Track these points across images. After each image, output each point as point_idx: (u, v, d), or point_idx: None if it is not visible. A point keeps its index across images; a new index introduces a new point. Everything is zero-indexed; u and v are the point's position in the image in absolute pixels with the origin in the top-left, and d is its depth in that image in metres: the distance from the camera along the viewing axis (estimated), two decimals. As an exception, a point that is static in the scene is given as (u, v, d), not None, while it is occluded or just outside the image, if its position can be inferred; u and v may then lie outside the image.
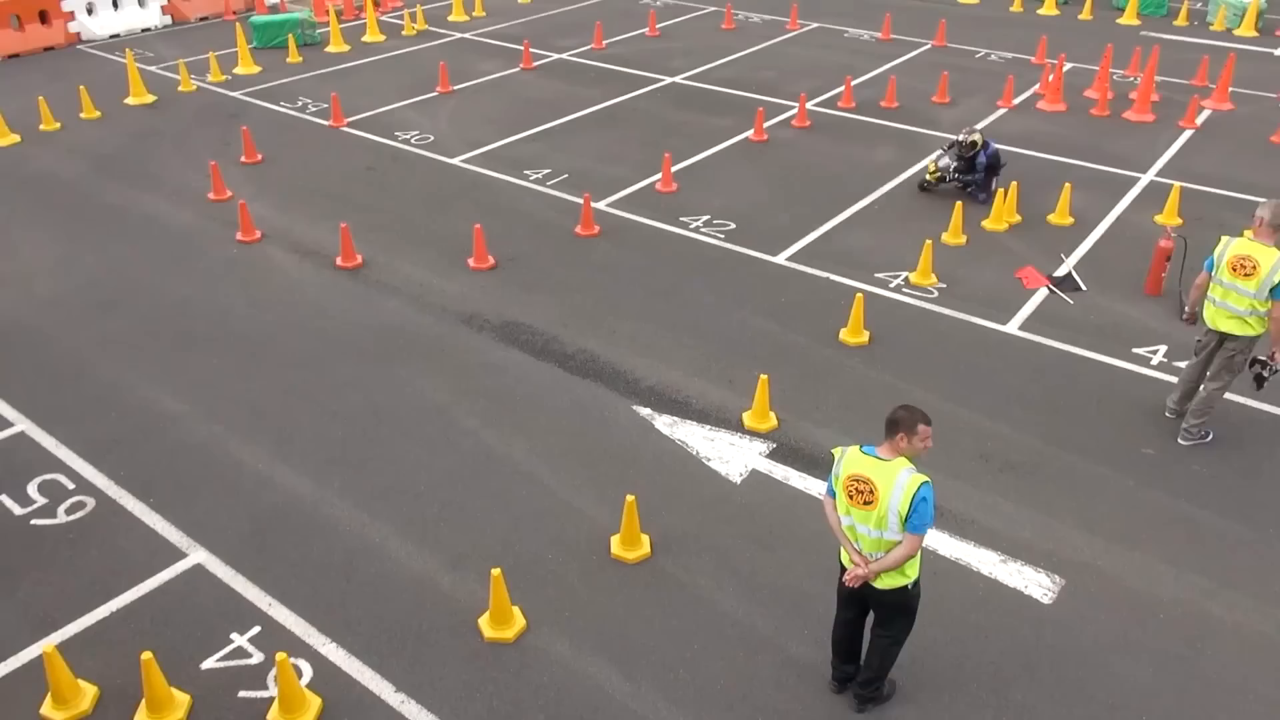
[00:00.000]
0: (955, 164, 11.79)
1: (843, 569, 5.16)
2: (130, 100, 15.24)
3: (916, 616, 5.27)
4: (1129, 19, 19.94)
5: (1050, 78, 15.51)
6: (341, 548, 6.67)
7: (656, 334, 9.16)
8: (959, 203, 10.87)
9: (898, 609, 5.18)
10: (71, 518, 6.91)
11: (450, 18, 20.12)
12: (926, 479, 4.77)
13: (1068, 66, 16.70)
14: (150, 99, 15.30)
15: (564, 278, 10.16)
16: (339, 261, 10.36)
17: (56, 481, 7.23)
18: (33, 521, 6.86)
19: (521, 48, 17.86)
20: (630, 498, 6.45)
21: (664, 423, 7.93)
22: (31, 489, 7.16)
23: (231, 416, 7.98)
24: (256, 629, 6.01)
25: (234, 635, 5.97)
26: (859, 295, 8.97)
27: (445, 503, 7.08)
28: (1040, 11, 20.83)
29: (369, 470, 7.39)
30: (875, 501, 4.81)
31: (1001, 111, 14.85)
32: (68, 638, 5.92)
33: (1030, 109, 15.01)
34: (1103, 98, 14.71)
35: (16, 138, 13.72)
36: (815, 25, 19.62)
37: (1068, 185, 11.29)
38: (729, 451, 7.61)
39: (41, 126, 14.10)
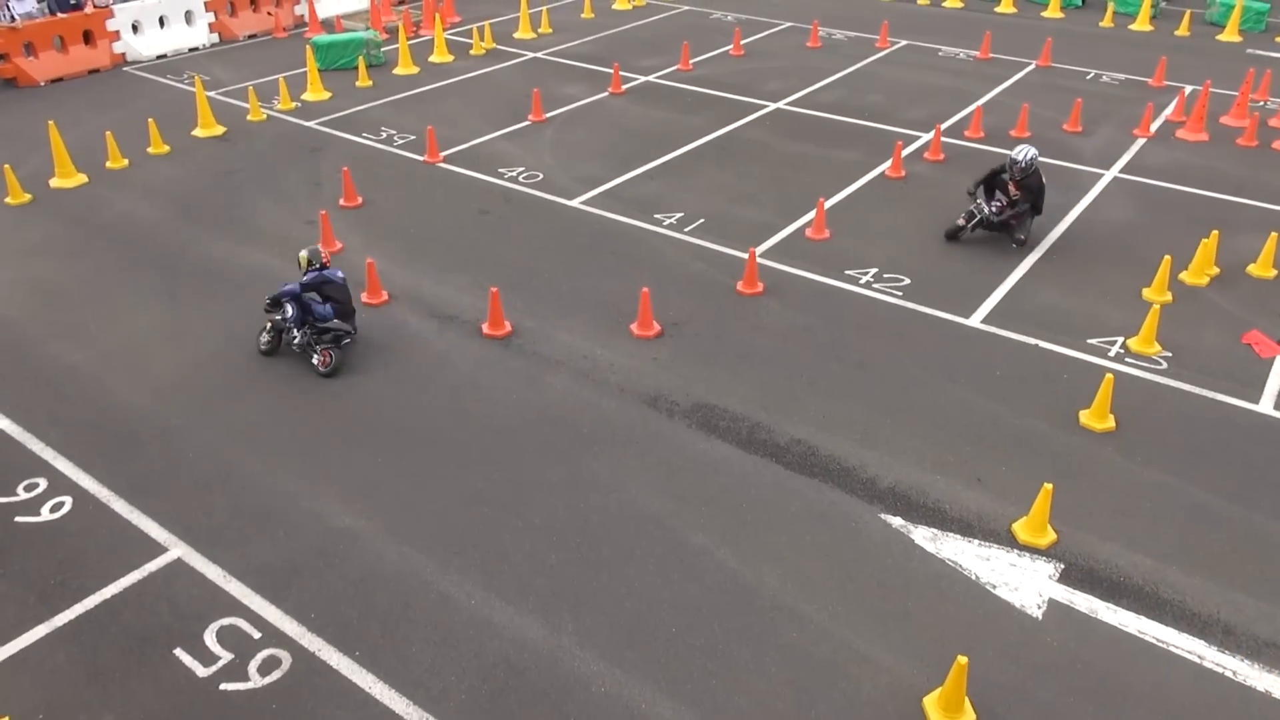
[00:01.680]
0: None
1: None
2: (199, 132, 13.99)
3: None
4: (1230, 35, 19.03)
5: (1175, 103, 14.55)
6: (602, 717, 5.56)
7: (870, 417, 8.08)
8: (1168, 256, 9.84)
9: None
10: (266, 680, 5.75)
11: (516, 35, 18.94)
12: None
13: (1189, 89, 15.77)
14: (220, 130, 14.06)
15: (741, 346, 9.06)
16: (486, 329, 9.22)
17: (237, 629, 6.07)
18: (223, 686, 5.71)
19: (600, 68, 16.82)
20: (961, 661, 5.37)
21: (923, 536, 6.86)
22: (210, 639, 5.99)
23: (418, 534, 6.84)
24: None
25: None
26: (1109, 376, 7.91)
27: (707, 651, 5.97)
28: (1132, 27, 19.90)
29: (602, 606, 6.27)
30: None
31: (1140, 142, 13.85)
32: None
33: (1169, 138, 14.02)
34: (1252, 127, 13.74)
35: (84, 177, 12.47)
36: (905, 43, 18.59)
37: (1274, 235, 10.28)
38: (1012, 575, 6.54)
39: (108, 164, 12.85)
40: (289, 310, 8.63)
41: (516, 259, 10.61)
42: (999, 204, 10.68)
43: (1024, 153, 10.47)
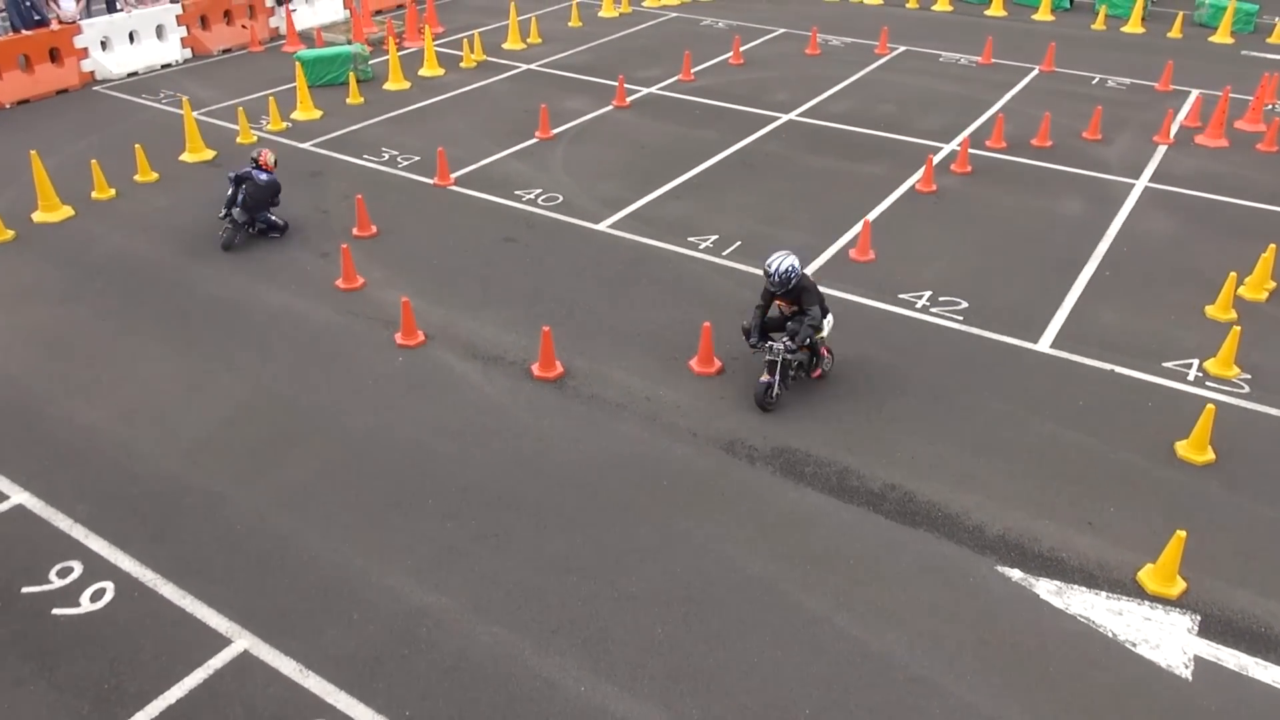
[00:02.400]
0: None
1: None
2: (187, 156, 13.16)
3: None
4: (1222, 37, 19.05)
5: (1189, 109, 14.43)
6: (751, 820, 5.05)
7: (961, 457, 7.66)
8: (1233, 273, 9.57)
9: None
10: (370, 794, 5.14)
11: (505, 45, 18.27)
12: None
13: (1195, 93, 15.68)
14: (210, 154, 13.23)
15: (807, 383, 8.57)
16: (536, 370, 8.63)
17: (328, 734, 5.45)
18: (322, 806, 5.09)
19: (598, 80, 16.32)
20: (1146, 742, 4.95)
21: (1048, 590, 6.44)
22: (298, 749, 5.37)
23: (507, 610, 6.24)
24: None
25: None
26: (1210, 407, 7.57)
27: (848, 735, 5.49)
28: (1125, 30, 19.85)
29: (726, 688, 5.74)
30: None
31: (1162, 149, 13.67)
32: None
33: (1189, 144, 13.87)
34: (1272, 132, 13.63)
35: (70, 210, 11.59)
36: (903, 49, 18.30)
37: (1327, 246, 10.10)
38: (1150, 630, 6.15)
39: (94, 194, 11.98)
40: (229, 190, 10.62)
41: (552, 290, 10.02)
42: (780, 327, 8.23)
43: (776, 262, 7.89)
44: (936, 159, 13.15)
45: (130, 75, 16.45)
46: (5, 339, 9.13)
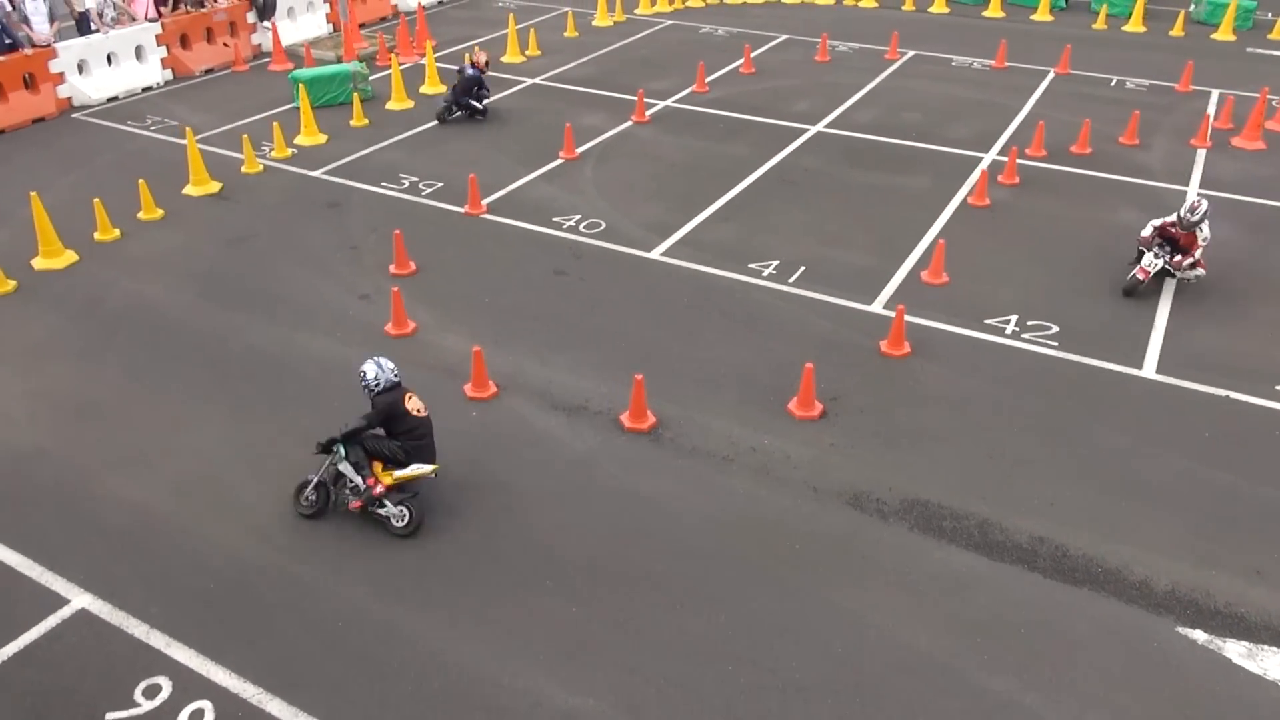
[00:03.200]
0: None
1: None
2: (191, 190, 12.22)
3: None
4: (1224, 34, 18.99)
5: (1220, 110, 14.22)
6: None
7: (1101, 501, 7.17)
8: (1334, 289, 9.27)
9: None
10: None
11: (505, 59, 17.50)
12: None
13: (1216, 93, 15.52)
14: (216, 186, 12.31)
15: (916, 422, 8.05)
16: (627, 421, 7.96)
17: None
18: None
19: (609, 93, 15.79)
20: None
21: (1237, 653, 5.96)
22: None
23: (664, 709, 5.56)
24: None
25: None
26: (1360, 439, 7.21)
27: (1078, 841, 4.94)
28: (1126, 29, 19.72)
29: (927, 790, 5.17)
30: None
31: (1201, 153, 13.43)
32: None
33: (1226, 147, 13.65)
34: (1310, 133, 13.49)
35: (73, 255, 10.61)
36: (913, 54, 17.91)
37: None
38: (1359, 694, 5.72)
39: (97, 235, 11.02)
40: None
41: (618, 328, 9.36)
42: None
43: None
44: (979, 170, 12.74)
45: (110, 100, 15.37)
46: (28, 406, 8.21)
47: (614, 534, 6.88)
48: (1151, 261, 9.72)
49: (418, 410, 6.83)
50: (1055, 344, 9.09)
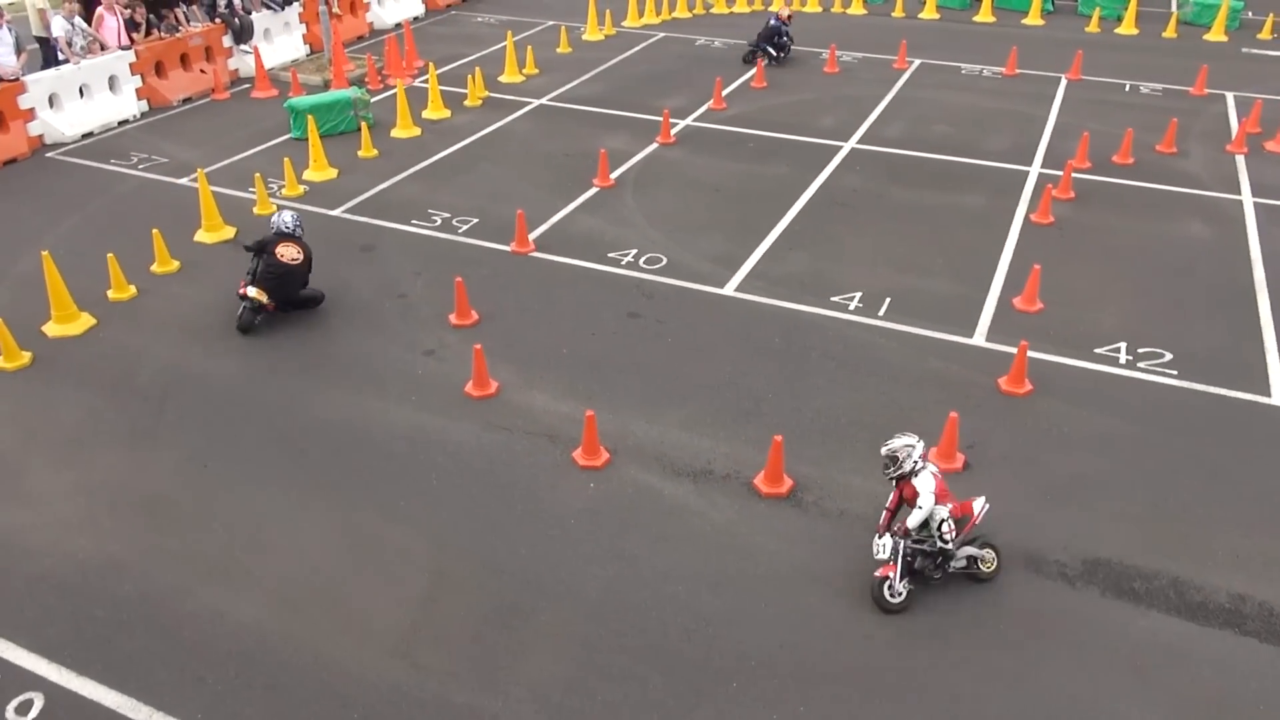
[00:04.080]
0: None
1: None
2: (204, 236, 11.18)
3: None
4: (1217, 35, 19.12)
5: (1247, 114, 14.16)
6: None
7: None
8: None
9: None
10: None
11: (503, 78, 16.66)
12: None
13: (1229, 96, 15.50)
14: (231, 232, 11.29)
15: (1067, 469, 7.55)
16: (762, 486, 7.32)
17: None
18: None
19: (622, 113, 15.15)
20: None
21: None
22: None
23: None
24: None
25: None
26: None
27: None
28: (1119, 31, 19.73)
29: None
30: None
31: (1240, 159, 13.31)
32: None
33: (1261, 152, 13.56)
34: (1343, 136, 13.47)
35: (90, 318, 9.54)
36: (920, 62, 17.59)
37: None
38: None
39: (111, 294, 9.94)
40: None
41: (717, 376, 8.70)
42: None
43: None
44: (1031, 185, 12.40)
45: (85, 136, 14.14)
46: (83, 506, 7.20)
47: (791, 626, 6.21)
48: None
49: (282, 255, 9.22)
50: (1174, 372, 8.72)
